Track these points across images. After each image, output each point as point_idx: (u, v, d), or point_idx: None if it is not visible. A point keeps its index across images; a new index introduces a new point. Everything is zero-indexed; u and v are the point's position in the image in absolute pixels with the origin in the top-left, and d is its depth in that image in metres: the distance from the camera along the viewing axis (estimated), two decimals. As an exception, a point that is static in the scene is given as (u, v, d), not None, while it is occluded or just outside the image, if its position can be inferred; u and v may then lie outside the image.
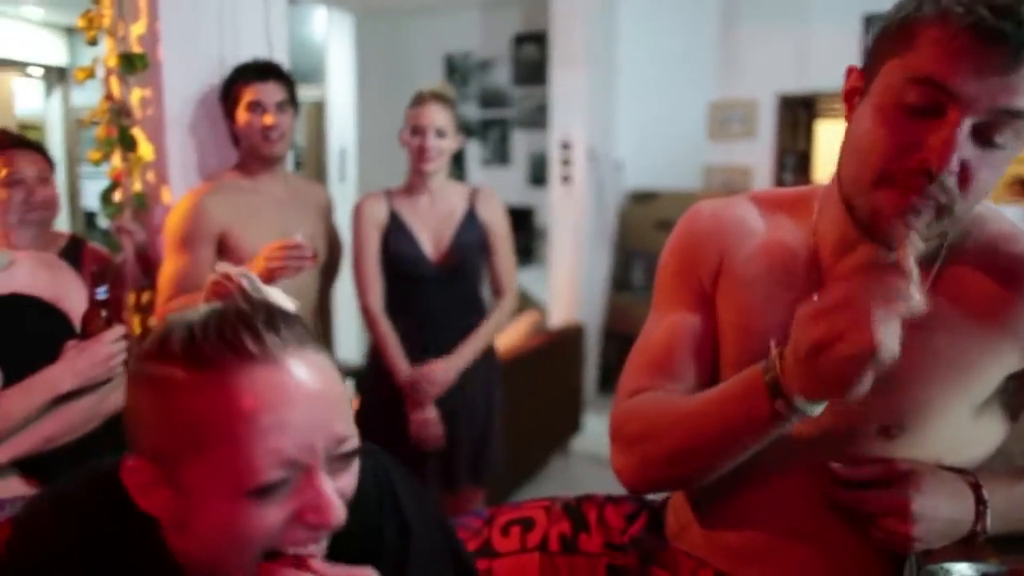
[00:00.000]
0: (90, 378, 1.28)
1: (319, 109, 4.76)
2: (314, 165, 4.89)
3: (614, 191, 4.56)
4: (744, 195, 1.00)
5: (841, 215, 0.84)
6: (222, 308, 0.62)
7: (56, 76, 5.48)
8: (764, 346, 0.91)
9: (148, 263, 1.94)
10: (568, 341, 3.69)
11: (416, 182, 2.03)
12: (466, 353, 2.00)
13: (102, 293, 1.30)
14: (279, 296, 0.72)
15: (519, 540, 1.19)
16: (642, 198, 4.64)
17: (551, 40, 4.12)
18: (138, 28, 1.88)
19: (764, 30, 4.45)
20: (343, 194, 4.57)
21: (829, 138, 4.69)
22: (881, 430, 0.83)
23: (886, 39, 0.77)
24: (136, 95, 1.91)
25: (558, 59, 4.07)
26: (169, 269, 1.76)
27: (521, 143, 5.13)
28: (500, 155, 5.22)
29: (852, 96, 0.82)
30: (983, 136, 0.72)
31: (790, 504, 0.89)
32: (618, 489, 1.28)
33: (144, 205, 1.92)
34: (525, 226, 5.02)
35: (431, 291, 2.02)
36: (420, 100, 1.97)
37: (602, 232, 4.39)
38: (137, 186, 1.92)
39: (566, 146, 4.07)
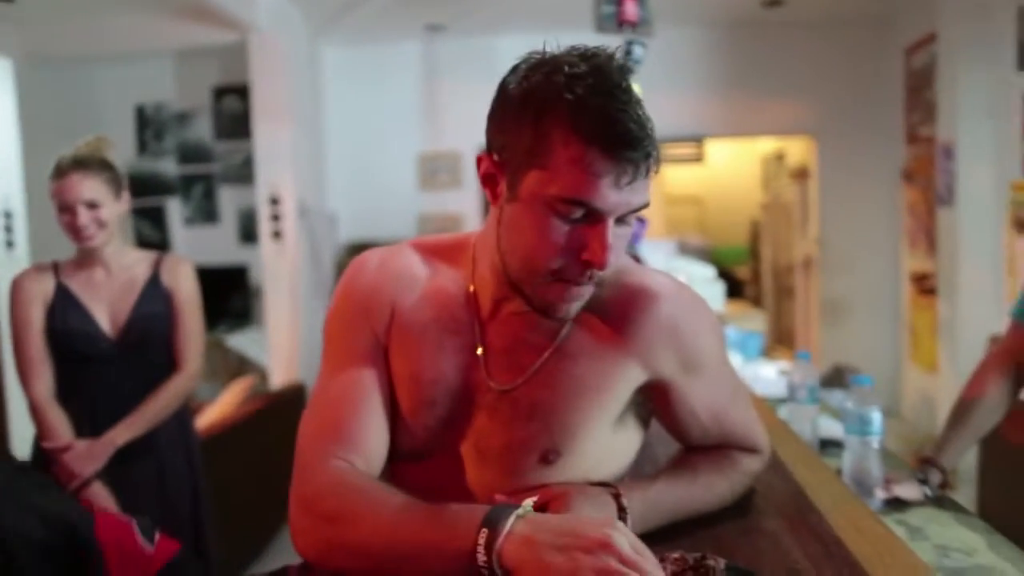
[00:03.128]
0: None
1: (-25, 166, 4.11)
2: (-27, 231, 4.18)
3: (330, 245, 4.52)
4: (405, 243, 1.03)
5: (496, 271, 0.91)
6: None
7: None
8: (435, 394, 0.95)
9: None
10: (290, 402, 3.54)
11: (86, 253, 1.81)
12: (117, 436, 1.76)
13: None
14: None
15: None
16: (358, 250, 4.62)
17: (252, 94, 4.00)
18: None
19: (460, 86, 4.75)
20: (11, 263, 3.97)
21: (527, 186, 5.12)
22: (542, 457, 0.91)
23: (519, 142, 0.82)
24: None
25: (260, 113, 3.97)
26: None
27: (229, 199, 4.86)
28: (206, 213, 4.90)
29: (491, 181, 0.88)
30: (618, 221, 0.84)
31: None
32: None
33: None
34: (239, 286, 4.75)
35: (109, 371, 1.80)
36: (59, 172, 1.71)
37: (320, 287, 4.31)
38: None
39: (275, 201, 3.95)
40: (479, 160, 0.89)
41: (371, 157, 4.85)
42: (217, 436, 2.75)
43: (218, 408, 3.23)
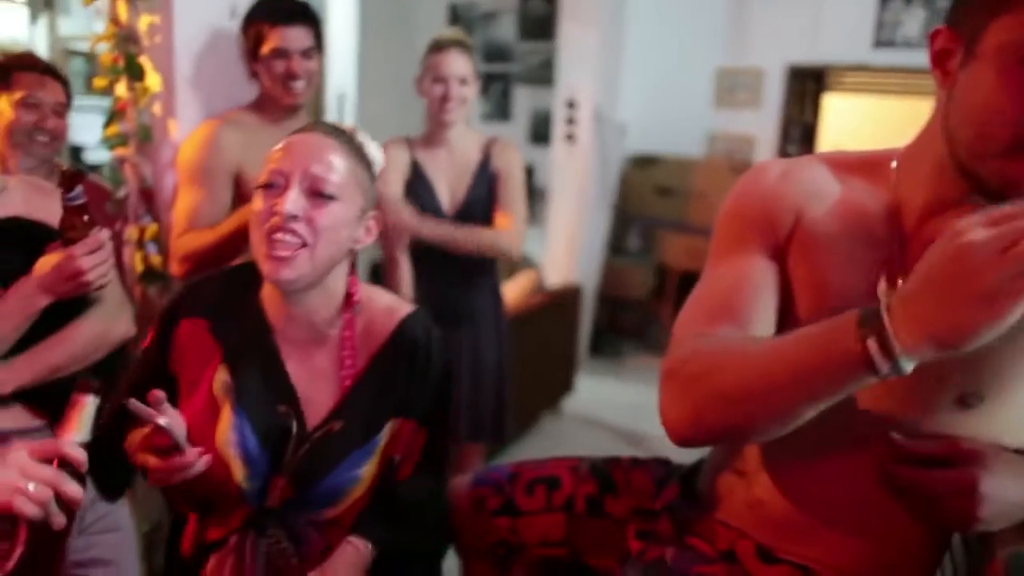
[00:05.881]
0: (62, 293, 1.19)
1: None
2: (310, 110, 4.75)
3: (616, 153, 4.50)
4: (812, 157, 0.98)
5: (936, 178, 0.82)
6: None
7: (42, 2, 5.25)
8: (841, 303, 0.86)
9: (151, 198, 1.86)
10: (565, 302, 3.67)
11: (436, 131, 1.99)
12: (438, 228, 1.91)
13: (75, 198, 1.17)
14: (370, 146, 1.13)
15: (544, 499, 1.18)
16: (643, 162, 4.59)
17: (561, -5, 4.01)
18: (146, -51, 1.77)
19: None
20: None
21: (836, 111, 4.64)
22: (958, 400, 0.81)
23: None
24: (144, 21, 1.80)
25: (567, 15, 3.96)
26: (183, 203, 1.67)
27: (523, 99, 5.02)
28: (501, 111, 5.11)
29: (944, 59, 0.79)
30: None
31: (847, 481, 0.87)
32: (606, 451, 1.26)
33: (149, 138, 1.83)
34: (524, 185, 4.94)
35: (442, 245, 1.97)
36: (440, 47, 1.90)
37: (603, 195, 4.34)
38: (142, 118, 1.83)
39: (572, 105, 3.99)
40: (934, 35, 0.79)
41: (667, 67, 4.67)
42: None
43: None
